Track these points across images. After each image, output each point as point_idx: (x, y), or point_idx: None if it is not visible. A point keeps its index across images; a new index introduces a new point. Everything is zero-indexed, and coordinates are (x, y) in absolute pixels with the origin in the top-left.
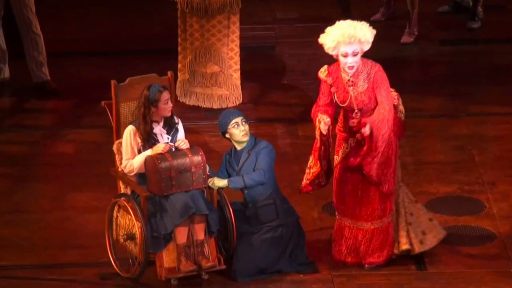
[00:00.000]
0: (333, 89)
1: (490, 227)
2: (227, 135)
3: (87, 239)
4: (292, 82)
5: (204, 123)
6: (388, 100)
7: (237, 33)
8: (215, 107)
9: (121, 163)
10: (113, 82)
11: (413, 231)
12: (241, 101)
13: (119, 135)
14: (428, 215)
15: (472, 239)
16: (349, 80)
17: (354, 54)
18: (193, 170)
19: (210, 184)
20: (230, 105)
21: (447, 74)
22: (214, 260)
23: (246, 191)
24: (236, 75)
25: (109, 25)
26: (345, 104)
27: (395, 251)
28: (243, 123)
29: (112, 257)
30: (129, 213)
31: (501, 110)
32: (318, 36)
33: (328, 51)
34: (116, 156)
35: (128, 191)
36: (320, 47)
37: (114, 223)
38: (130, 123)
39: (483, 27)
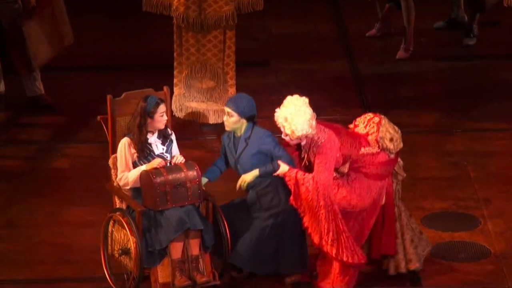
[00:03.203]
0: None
1: (485, 244)
2: None
3: (82, 254)
4: (286, 96)
5: (200, 138)
6: (318, 173)
7: (233, 48)
8: (210, 122)
9: (116, 178)
10: (109, 97)
11: (415, 248)
12: None
13: (115, 150)
14: (418, 228)
15: (467, 256)
16: (303, 147)
17: (284, 134)
18: (188, 185)
19: (241, 185)
20: None
21: (442, 90)
22: (209, 275)
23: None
24: (232, 90)
25: (105, 40)
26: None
27: (403, 270)
28: (229, 115)
29: (107, 272)
30: (124, 228)
31: (497, 126)
32: (313, 52)
33: None
34: (112, 170)
35: (124, 206)
36: (315, 63)
37: (109, 238)
38: (125, 135)
39: (478, 43)
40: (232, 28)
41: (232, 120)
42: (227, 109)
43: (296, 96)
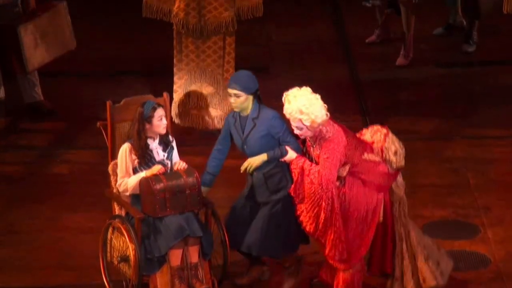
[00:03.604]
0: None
1: (485, 252)
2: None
3: (81, 260)
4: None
5: (199, 144)
6: (322, 168)
7: (233, 54)
8: (210, 128)
9: (116, 184)
10: (108, 103)
11: (433, 265)
12: None
13: (114, 156)
14: (435, 244)
15: (467, 264)
16: (309, 140)
17: (298, 128)
18: (187, 192)
19: (247, 169)
20: None
21: (442, 96)
22: (208, 283)
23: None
24: None
25: (105, 46)
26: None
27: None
28: (235, 97)
29: (106, 279)
30: (123, 235)
31: (496, 133)
32: (313, 58)
33: None
34: (111, 177)
35: (123, 213)
36: (315, 69)
37: (108, 244)
38: (125, 141)
39: (477, 49)
40: (232, 34)
41: (241, 100)
42: (233, 91)
43: (296, 88)
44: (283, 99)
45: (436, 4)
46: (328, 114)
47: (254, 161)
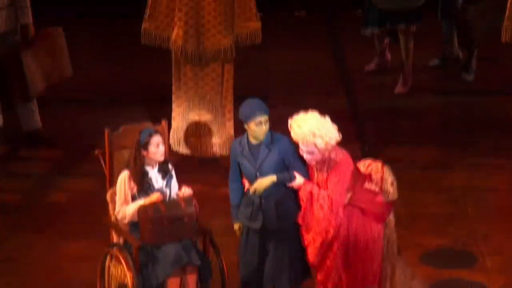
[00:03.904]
0: None
1: (484, 281)
2: (245, 126)
3: None
4: (284, 132)
5: (198, 172)
6: (332, 192)
7: (231, 81)
8: (208, 155)
9: (114, 212)
10: (106, 131)
11: None
12: None
13: (113, 184)
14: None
15: None
16: (316, 164)
17: (309, 153)
18: (186, 220)
19: (256, 190)
20: (224, 154)
21: (440, 125)
22: None
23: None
24: (230, 124)
25: (104, 73)
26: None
27: None
28: (266, 123)
29: None
30: (121, 263)
31: (495, 162)
32: (311, 86)
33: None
34: (109, 205)
35: (121, 241)
36: (314, 97)
37: (106, 273)
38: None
39: (476, 78)
40: (230, 61)
41: (268, 126)
42: (264, 118)
43: (302, 113)
44: (289, 125)
45: (435, 33)
46: (340, 134)
47: (263, 182)
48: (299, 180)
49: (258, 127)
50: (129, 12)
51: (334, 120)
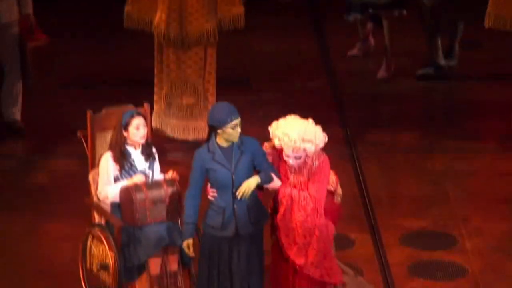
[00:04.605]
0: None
1: (463, 262)
2: (219, 131)
3: (61, 268)
4: (267, 114)
5: (180, 154)
6: (317, 191)
7: (214, 65)
8: (190, 139)
9: (96, 193)
10: (88, 112)
11: None
12: None
13: (95, 165)
14: None
15: (444, 274)
16: (292, 166)
17: (297, 158)
18: (168, 201)
19: (245, 193)
20: (205, 137)
21: (422, 110)
22: None
23: (235, 190)
24: None
25: (86, 56)
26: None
27: None
28: (240, 125)
29: (86, 286)
30: (102, 243)
31: (475, 146)
32: (294, 70)
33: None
34: (92, 186)
35: (103, 221)
36: (296, 81)
37: (87, 252)
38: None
39: (458, 63)
40: (213, 45)
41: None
42: (238, 121)
43: (282, 120)
44: (271, 134)
45: (418, 19)
46: (326, 136)
47: (251, 184)
48: (277, 182)
49: (234, 130)
50: None
51: (316, 104)
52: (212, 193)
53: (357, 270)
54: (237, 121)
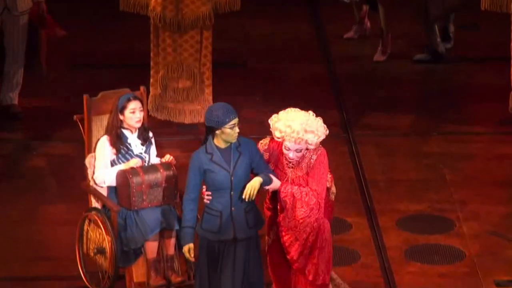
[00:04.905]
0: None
1: (460, 246)
2: (217, 131)
3: (58, 252)
4: (264, 98)
5: (176, 138)
6: (318, 185)
7: (210, 48)
8: (186, 122)
9: (93, 177)
10: (85, 96)
11: None
12: None
13: (91, 149)
14: None
15: (441, 258)
16: (290, 162)
17: (297, 151)
18: (164, 185)
19: (251, 195)
20: (202, 120)
21: (419, 93)
22: (184, 275)
23: (233, 193)
24: (208, 91)
25: (82, 39)
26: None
27: None
28: (238, 125)
29: (82, 270)
30: (99, 227)
31: (473, 129)
32: (290, 53)
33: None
34: (88, 170)
35: (99, 205)
36: (292, 64)
37: (84, 236)
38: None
39: (455, 46)
40: (209, 28)
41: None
42: (237, 119)
43: (282, 112)
44: (271, 126)
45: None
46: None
47: (255, 185)
48: (276, 182)
49: (233, 130)
50: None
51: (312, 87)
52: (207, 196)
53: (355, 253)
54: (235, 120)
